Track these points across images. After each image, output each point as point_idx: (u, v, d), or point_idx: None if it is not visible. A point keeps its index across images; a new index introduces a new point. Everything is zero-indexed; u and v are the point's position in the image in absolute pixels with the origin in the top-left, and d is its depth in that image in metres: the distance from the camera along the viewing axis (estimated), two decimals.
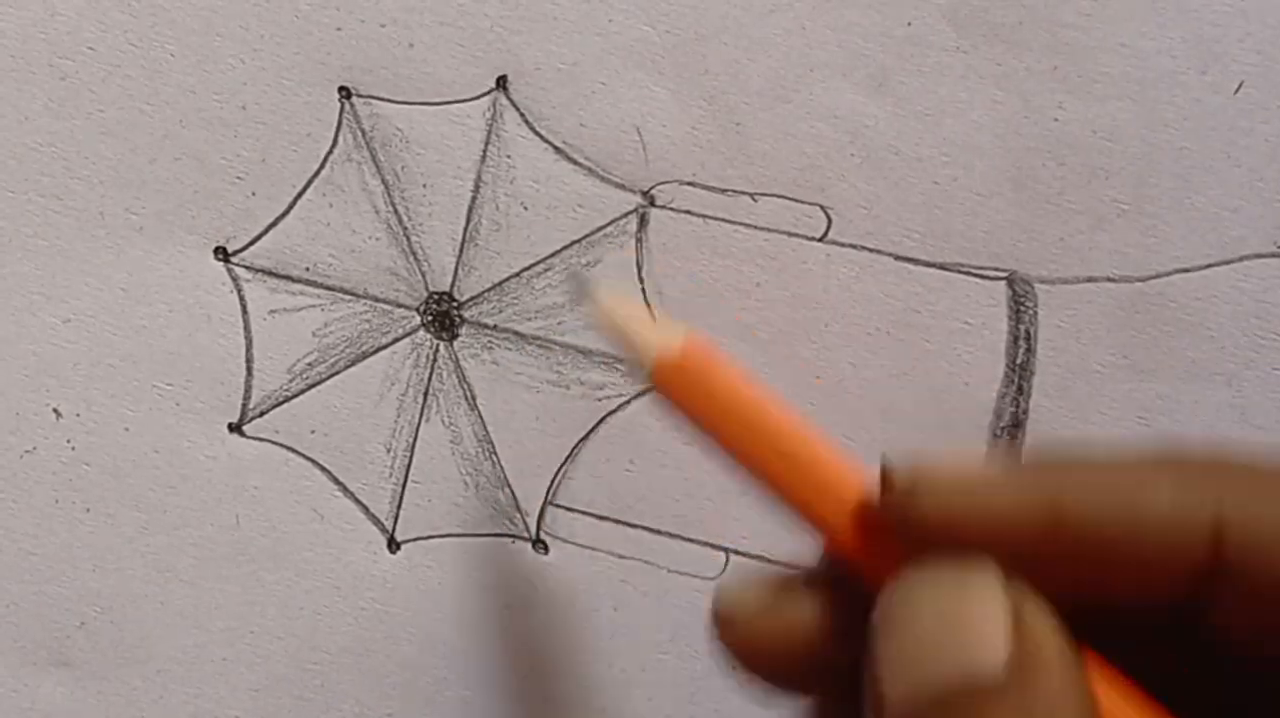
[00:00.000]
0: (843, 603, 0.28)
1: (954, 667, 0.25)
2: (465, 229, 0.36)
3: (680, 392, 0.30)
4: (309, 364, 0.37)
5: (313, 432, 0.37)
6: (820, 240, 0.36)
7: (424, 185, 0.36)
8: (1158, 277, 0.36)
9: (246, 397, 0.37)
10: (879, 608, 0.26)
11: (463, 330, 0.37)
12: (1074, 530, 0.26)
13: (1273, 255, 0.36)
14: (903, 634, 0.26)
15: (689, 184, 0.36)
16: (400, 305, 0.37)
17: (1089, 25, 0.35)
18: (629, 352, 0.30)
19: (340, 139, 0.36)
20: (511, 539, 0.38)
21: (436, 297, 0.37)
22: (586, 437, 0.37)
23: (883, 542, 0.27)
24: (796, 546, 0.37)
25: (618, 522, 0.38)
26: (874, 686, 0.26)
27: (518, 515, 0.38)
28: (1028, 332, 0.37)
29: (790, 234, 0.36)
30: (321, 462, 0.37)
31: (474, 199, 0.36)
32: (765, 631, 0.29)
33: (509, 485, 0.37)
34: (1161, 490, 0.26)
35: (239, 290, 0.37)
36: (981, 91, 0.36)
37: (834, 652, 0.28)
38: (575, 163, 0.36)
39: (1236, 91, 0.35)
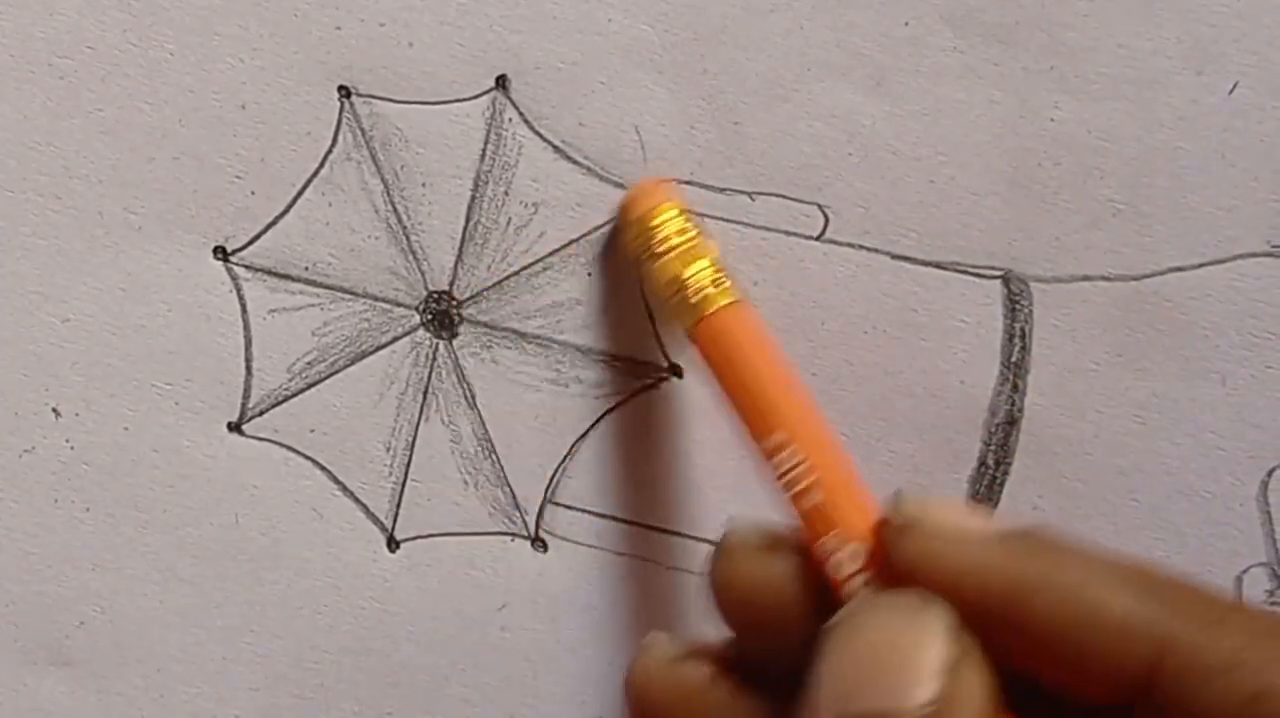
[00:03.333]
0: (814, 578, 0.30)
1: (881, 698, 0.26)
2: (464, 228, 0.36)
3: (711, 350, 0.33)
4: (308, 363, 0.37)
5: (312, 431, 0.37)
6: (818, 239, 0.37)
7: (423, 184, 0.36)
8: (1152, 275, 0.37)
9: (246, 396, 0.37)
10: (832, 622, 0.28)
11: (462, 329, 0.37)
12: (1031, 612, 0.27)
13: (1267, 255, 0.36)
14: (843, 656, 0.27)
15: (687, 183, 0.36)
16: (400, 304, 0.37)
17: (1085, 26, 0.35)
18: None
19: (340, 138, 0.36)
20: (511, 537, 0.38)
21: (436, 296, 0.37)
22: (585, 435, 0.37)
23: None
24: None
25: (617, 519, 0.38)
26: (809, 702, 0.27)
27: (517, 514, 0.38)
28: (1023, 330, 0.37)
29: (788, 233, 0.37)
30: (321, 461, 0.37)
31: (473, 198, 0.36)
32: (748, 576, 0.31)
33: (508, 484, 0.38)
34: (1118, 601, 0.27)
35: (238, 290, 0.37)
36: (979, 91, 0.36)
37: (796, 617, 0.30)
38: (574, 162, 0.36)
39: (1231, 92, 0.36)
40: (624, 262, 0.36)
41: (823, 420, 0.32)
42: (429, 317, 0.37)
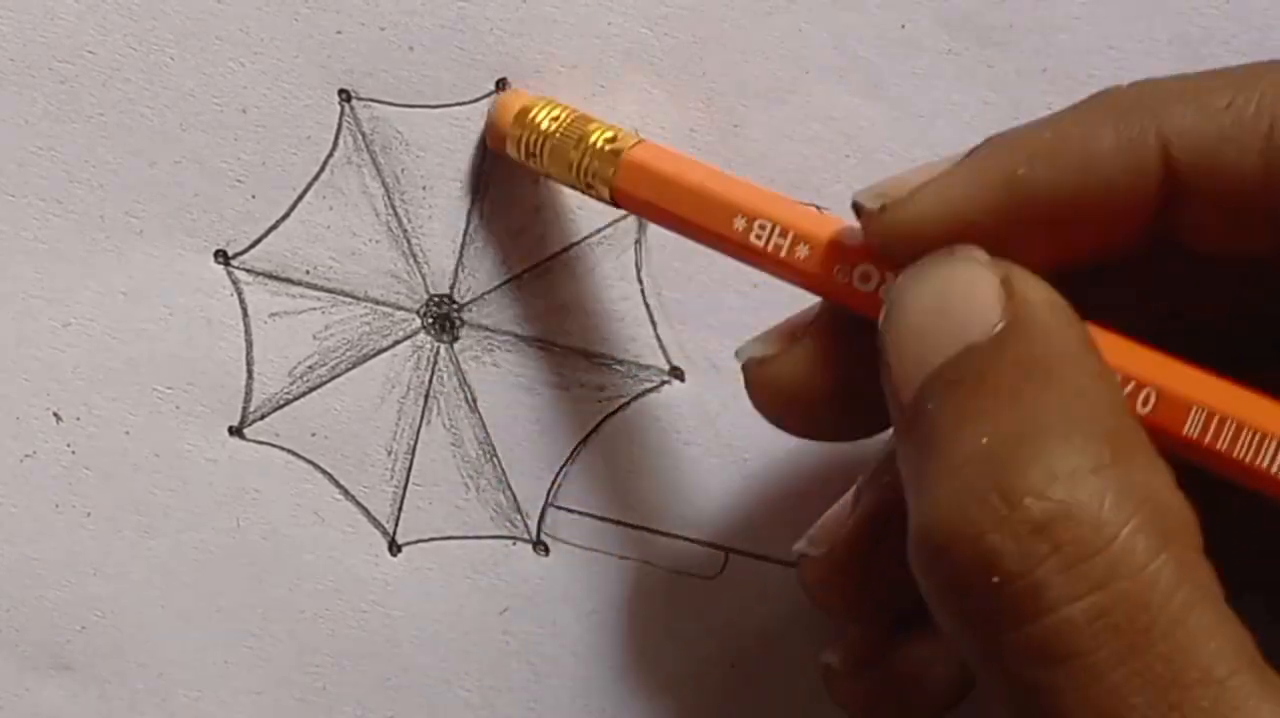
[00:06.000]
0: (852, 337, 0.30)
1: (951, 338, 0.26)
2: (465, 231, 0.37)
3: (642, 187, 0.33)
4: (310, 367, 0.37)
5: (313, 435, 0.37)
6: None
7: (424, 188, 0.36)
8: None
9: (247, 400, 0.37)
10: (881, 312, 0.28)
11: (463, 333, 0.37)
12: (1036, 197, 0.27)
13: None
14: (902, 323, 0.27)
15: None
16: (401, 308, 0.37)
17: (1078, 28, 0.36)
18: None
19: (340, 142, 0.36)
20: (512, 541, 0.38)
21: (437, 299, 0.37)
22: (587, 438, 0.37)
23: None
24: (796, 546, 0.37)
25: (618, 523, 0.38)
26: (885, 379, 0.27)
27: (518, 517, 0.38)
28: None
29: None
30: (322, 465, 0.37)
31: (474, 201, 0.36)
32: (786, 373, 0.31)
33: (509, 487, 0.38)
34: (1104, 134, 0.27)
35: (239, 293, 0.37)
36: (973, 93, 0.36)
37: (851, 383, 0.30)
38: None
39: None
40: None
41: (765, 188, 0.32)
42: (430, 320, 0.37)
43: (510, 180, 0.36)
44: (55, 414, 0.37)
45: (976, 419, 0.25)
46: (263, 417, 0.37)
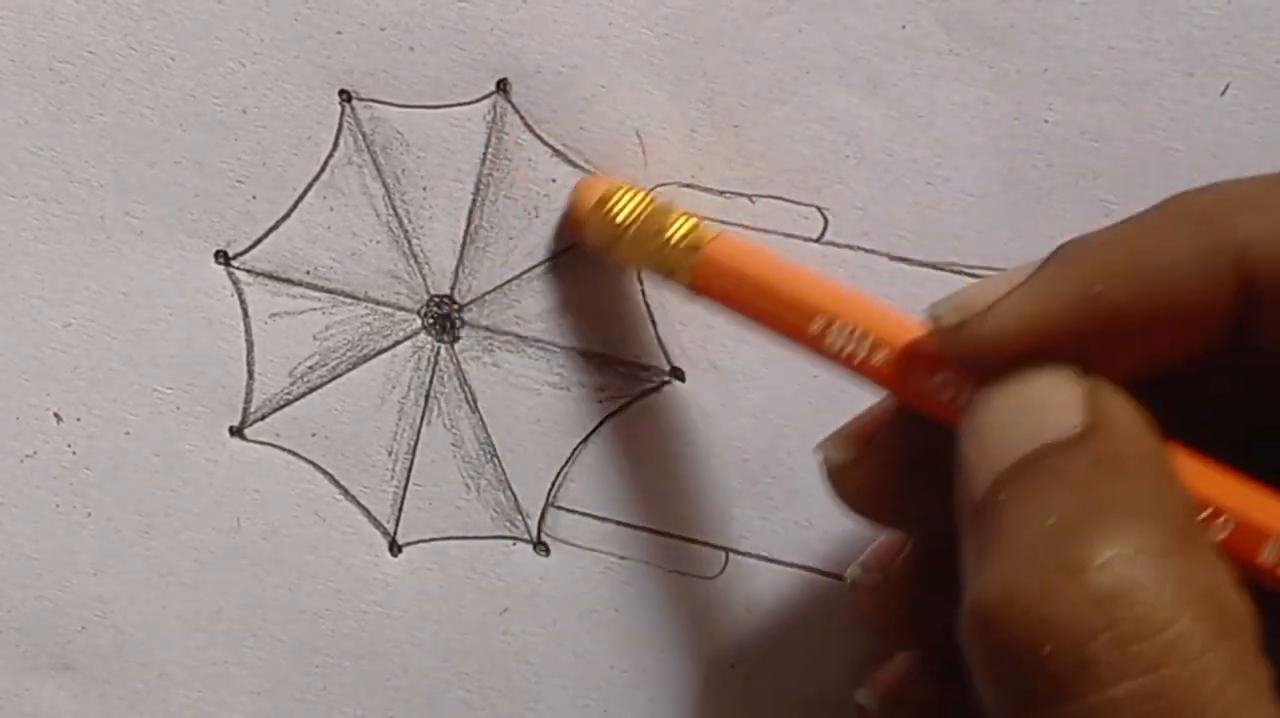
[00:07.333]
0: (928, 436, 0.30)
1: (1030, 437, 0.26)
2: (466, 232, 0.37)
3: (720, 283, 0.33)
4: (310, 367, 0.37)
5: (314, 435, 0.37)
6: (817, 241, 0.37)
7: (424, 188, 0.36)
8: None
9: (247, 400, 0.37)
10: (963, 422, 0.28)
11: (464, 333, 0.37)
12: (1113, 312, 0.27)
13: None
14: (983, 424, 0.27)
15: (688, 186, 0.37)
16: (401, 308, 0.37)
17: (1078, 28, 0.36)
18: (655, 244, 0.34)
19: (341, 142, 0.36)
20: (513, 541, 0.38)
21: (437, 299, 0.37)
22: (587, 438, 0.37)
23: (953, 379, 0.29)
24: (796, 545, 0.37)
25: (618, 523, 0.38)
26: (959, 478, 0.27)
27: (519, 517, 0.38)
28: None
29: (787, 235, 0.37)
30: (323, 465, 0.37)
31: (474, 202, 0.36)
32: (866, 478, 0.32)
33: (510, 488, 0.38)
34: (1179, 247, 0.27)
35: (240, 294, 0.37)
36: (973, 93, 0.36)
37: (923, 484, 0.30)
38: (575, 165, 0.36)
39: (1223, 94, 0.36)
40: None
41: (845, 285, 0.32)
42: (430, 320, 0.37)
43: (510, 181, 0.36)
44: (55, 414, 0.37)
45: (1046, 505, 0.25)
46: (263, 417, 0.37)
